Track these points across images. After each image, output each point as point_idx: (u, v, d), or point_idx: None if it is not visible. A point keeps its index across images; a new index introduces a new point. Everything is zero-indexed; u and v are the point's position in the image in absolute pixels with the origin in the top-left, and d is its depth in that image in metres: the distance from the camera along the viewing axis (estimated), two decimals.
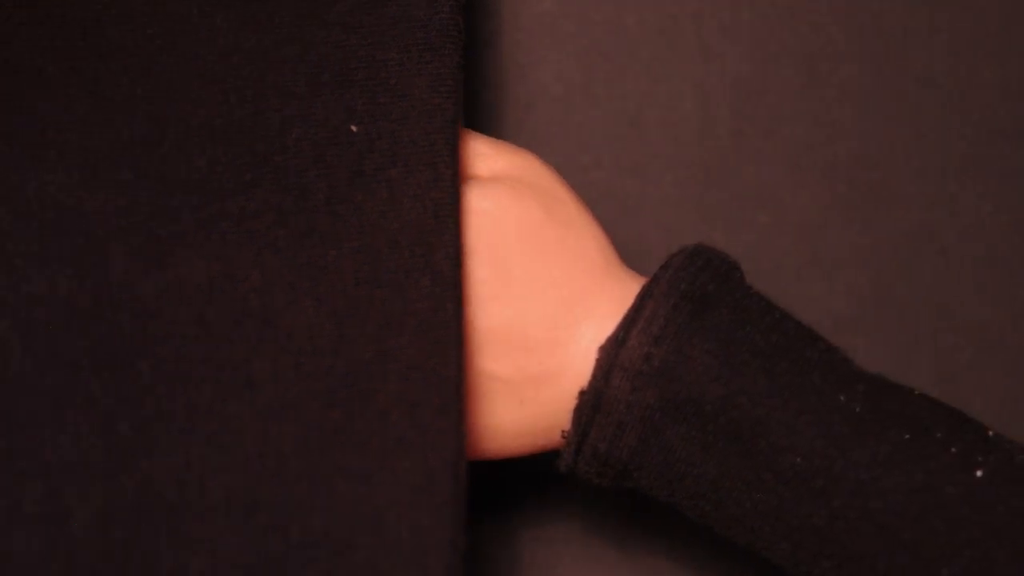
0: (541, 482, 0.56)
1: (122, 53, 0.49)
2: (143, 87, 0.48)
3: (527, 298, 0.48)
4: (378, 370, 0.46)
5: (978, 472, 0.46)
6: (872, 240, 0.60)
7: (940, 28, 0.60)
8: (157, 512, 0.45)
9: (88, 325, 0.46)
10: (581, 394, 0.48)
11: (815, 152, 0.60)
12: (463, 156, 0.50)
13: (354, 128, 0.48)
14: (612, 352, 0.47)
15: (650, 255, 0.50)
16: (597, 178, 0.59)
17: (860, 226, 0.60)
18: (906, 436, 0.46)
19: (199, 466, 0.45)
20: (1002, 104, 0.60)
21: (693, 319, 0.47)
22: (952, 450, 0.46)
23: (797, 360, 0.47)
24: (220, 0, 0.49)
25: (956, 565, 0.45)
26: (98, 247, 0.46)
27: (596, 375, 0.47)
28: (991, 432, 0.47)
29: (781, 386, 0.47)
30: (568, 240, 0.49)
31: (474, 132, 0.51)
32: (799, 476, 0.46)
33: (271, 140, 0.48)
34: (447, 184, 0.47)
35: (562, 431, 0.49)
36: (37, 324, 0.46)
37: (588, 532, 0.57)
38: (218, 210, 0.47)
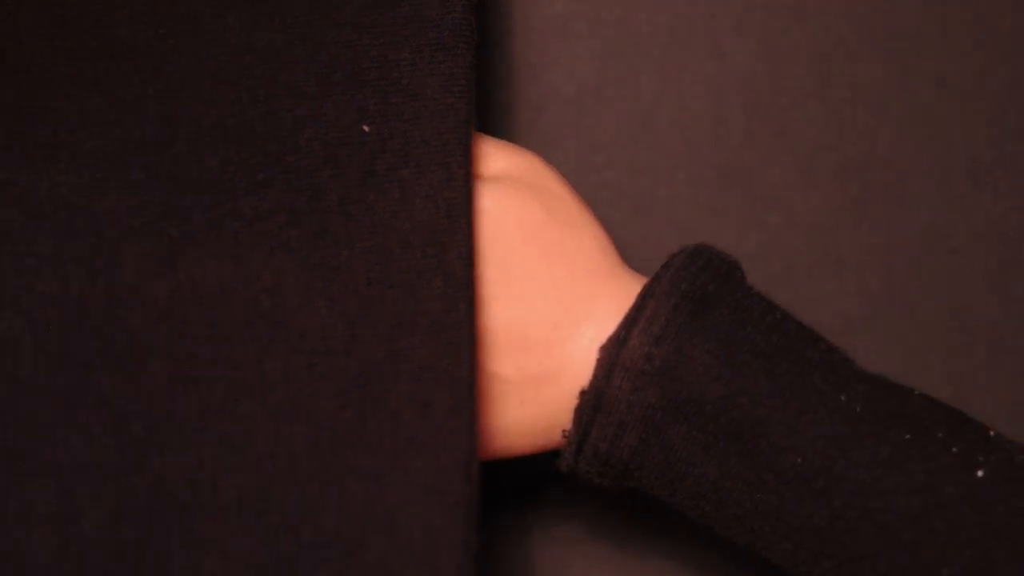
0: (555, 481, 0.56)
1: (134, 53, 0.49)
2: (155, 87, 0.48)
3: (528, 298, 0.48)
4: (390, 370, 0.46)
5: (979, 472, 0.46)
6: (884, 240, 0.59)
7: (953, 28, 0.60)
8: (169, 512, 0.45)
9: (100, 325, 0.46)
10: (582, 394, 0.48)
11: (827, 152, 0.60)
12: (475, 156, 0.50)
13: (366, 128, 0.48)
14: (613, 352, 0.47)
15: (661, 255, 0.50)
16: (609, 178, 0.59)
17: (872, 226, 0.60)
18: (907, 436, 0.46)
19: (211, 466, 0.45)
20: (1015, 105, 0.60)
21: (694, 319, 0.47)
22: (953, 450, 0.46)
23: (798, 360, 0.47)
24: (232, 0, 0.49)
25: (956, 565, 0.45)
26: (110, 247, 0.46)
27: (597, 375, 0.47)
28: (992, 432, 0.47)
29: (782, 386, 0.47)
30: (569, 240, 0.49)
31: (476, 132, 0.51)
32: (800, 476, 0.46)
33: (283, 140, 0.48)
34: (460, 184, 0.47)
35: (563, 431, 0.49)
36: (49, 324, 0.46)
37: (600, 532, 0.57)
38: (230, 210, 0.47)
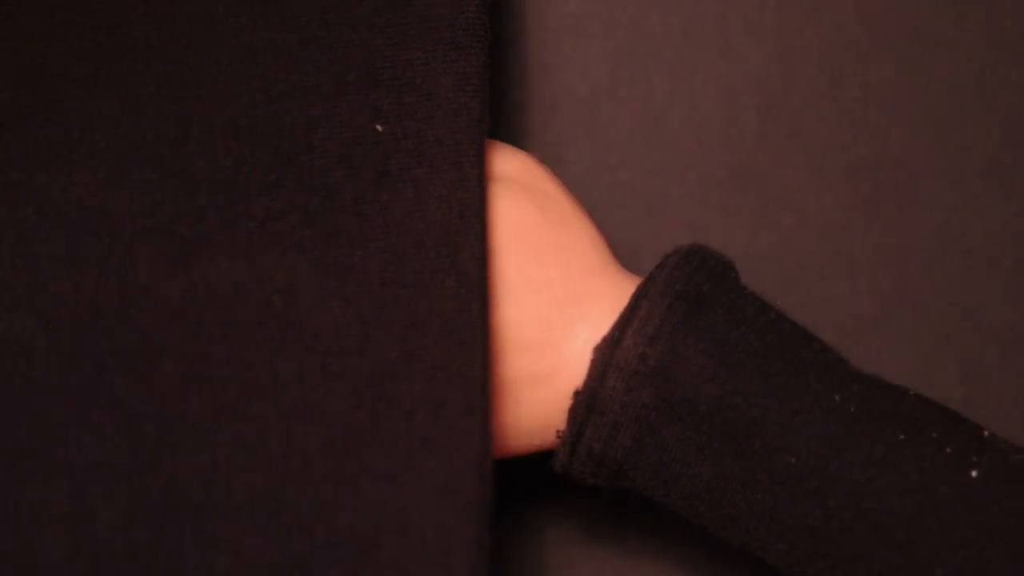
0: (561, 481, 0.56)
1: (147, 53, 0.49)
2: (168, 87, 0.48)
3: (522, 299, 0.48)
4: (403, 370, 0.46)
5: (973, 472, 0.46)
6: (896, 240, 0.59)
7: (965, 29, 0.60)
8: (182, 512, 0.45)
9: (113, 325, 0.46)
10: (576, 394, 0.48)
11: (839, 153, 0.60)
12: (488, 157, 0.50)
13: (380, 128, 0.48)
14: (607, 352, 0.47)
15: None
16: (621, 178, 0.59)
17: (884, 227, 0.59)
18: (901, 436, 0.46)
19: (224, 466, 0.45)
20: None
21: (688, 319, 0.47)
22: (947, 450, 0.46)
23: (792, 360, 0.47)
24: (245, 0, 0.49)
25: (950, 565, 0.45)
26: (123, 247, 0.46)
27: (591, 375, 0.47)
28: (986, 432, 0.47)
29: (776, 386, 0.47)
30: (563, 241, 0.49)
31: None
32: (794, 476, 0.46)
33: (297, 140, 0.48)
34: (473, 184, 0.47)
35: (557, 431, 0.49)
36: (62, 324, 0.46)
37: (609, 533, 0.57)
38: (243, 210, 0.47)
